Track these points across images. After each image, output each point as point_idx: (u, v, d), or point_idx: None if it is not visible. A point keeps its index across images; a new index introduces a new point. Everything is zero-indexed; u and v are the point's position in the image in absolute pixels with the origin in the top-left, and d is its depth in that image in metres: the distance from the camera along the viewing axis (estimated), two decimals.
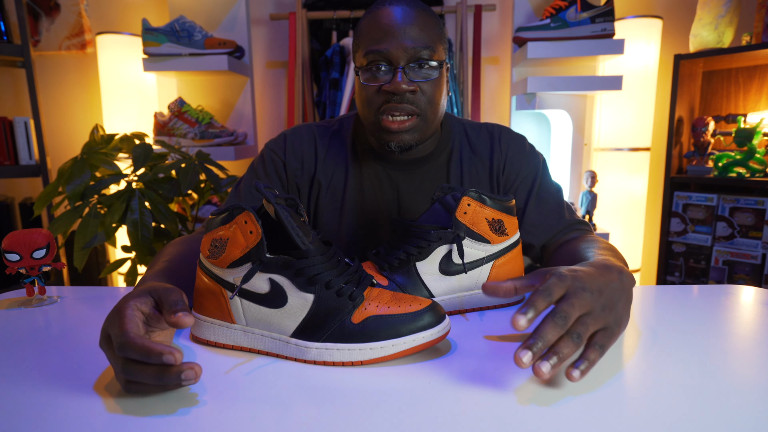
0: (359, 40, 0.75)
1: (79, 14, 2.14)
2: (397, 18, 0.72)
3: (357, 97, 0.78)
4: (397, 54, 0.71)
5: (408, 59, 0.71)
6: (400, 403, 0.42)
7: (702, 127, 1.86)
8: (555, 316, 0.44)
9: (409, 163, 0.83)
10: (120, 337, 0.42)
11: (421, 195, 0.83)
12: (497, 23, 2.07)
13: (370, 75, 0.73)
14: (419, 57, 0.72)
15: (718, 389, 0.43)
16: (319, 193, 0.84)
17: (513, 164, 0.84)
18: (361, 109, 0.77)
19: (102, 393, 0.44)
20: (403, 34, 0.71)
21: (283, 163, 0.85)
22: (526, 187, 0.84)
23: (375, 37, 0.72)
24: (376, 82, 0.73)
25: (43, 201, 1.35)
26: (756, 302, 0.67)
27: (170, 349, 0.40)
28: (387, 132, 0.75)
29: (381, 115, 0.74)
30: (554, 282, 0.46)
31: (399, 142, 0.75)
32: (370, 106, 0.75)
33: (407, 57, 0.71)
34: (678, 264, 1.94)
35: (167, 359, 0.40)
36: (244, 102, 2.05)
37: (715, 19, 1.73)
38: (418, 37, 0.72)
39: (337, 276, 0.51)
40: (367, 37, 0.73)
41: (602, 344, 0.45)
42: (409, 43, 0.71)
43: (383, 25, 0.72)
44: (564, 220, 0.81)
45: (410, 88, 0.72)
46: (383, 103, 0.73)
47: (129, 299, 0.47)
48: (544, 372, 0.42)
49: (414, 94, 0.73)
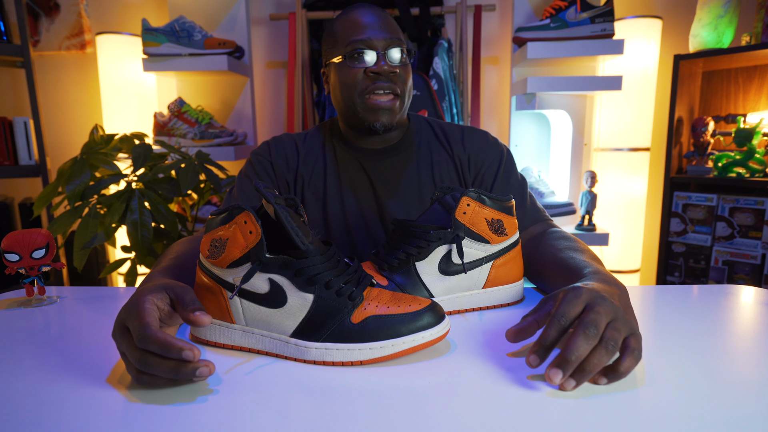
0: (338, 36, 0.84)
1: (79, 14, 2.14)
2: (373, 15, 0.84)
3: (336, 88, 0.86)
4: (378, 42, 0.81)
5: (386, 46, 0.82)
6: (400, 403, 0.42)
7: (702, 127, 1.86)
8: (586, 328, 0.42)
9: (379, 152, 0.90)
10: (141, 329, 0.43)
11: (393, 183, 0.90)
12: (497, 23, 2.07)
13: (355, 62, 0.82)
14: (396, 46, 0.82)
15: (718, 389, 0.43)
16: (304, 186, 0.90)
17: (477, 156, 0.90)
18: (343, 94, 0.84)
19: (102, 393, 0.44)
20: (380, 27, 0.82)
21: (270, 162, 0.90)
22: (491, 175, 0.89)
23: (357, 29, 0.82)
24: (361, 66, 0.82)
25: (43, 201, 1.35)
26: (756, 302, 0.67)
27: (190, 345, 0.42)
28: (373, 111, 0.83)
29: (366, 96, 0.82)
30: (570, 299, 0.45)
31: (383, 121, 0.83)
32: (355, 89, 0.83)
33: (386, 44, 0.82)
34: (678, 264, 1.94)
35: (186, 355, 0.42)
36: (244, 102, 2.05)
37: (714, 20, 1.73)
38: (392, 30, 0.84)
39: (337, 276, 0.51)
40: (348, 31, 0.83)
41: (637, 348, 0.44)
42: (386, 34, 0.82)
43: (362, 21, 0.83)
44: (525, 209, 0.85)
45: (393, 68, 0.81)
46: (368, 85, 0.82)
47: (146, 293, 0.48)
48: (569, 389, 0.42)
49: (395, 75, 0.82)
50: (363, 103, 0.83)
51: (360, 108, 0.83)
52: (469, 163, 0.90)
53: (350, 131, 0.89)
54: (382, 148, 0.90)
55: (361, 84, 0.82)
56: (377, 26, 0.82)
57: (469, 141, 0.91)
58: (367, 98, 0.82)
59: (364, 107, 0.83)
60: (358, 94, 0.82)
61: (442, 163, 0.90)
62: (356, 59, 0.81)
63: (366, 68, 0.81)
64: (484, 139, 0.92)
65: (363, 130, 0.86)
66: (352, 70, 0.82)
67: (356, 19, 0.83)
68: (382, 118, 0.83)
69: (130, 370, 0.45)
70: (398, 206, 0.88)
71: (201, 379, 0.44)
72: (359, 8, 0.85)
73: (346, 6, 1.89)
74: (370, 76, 0.81)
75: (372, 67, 0.81)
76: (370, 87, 0.81)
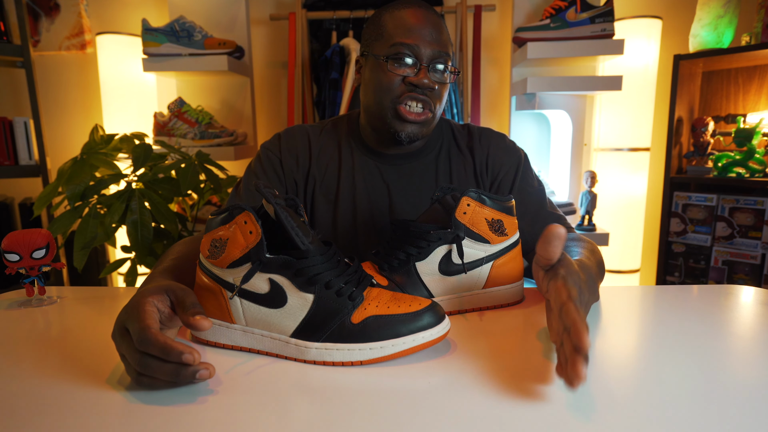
0: (384, 29, 0.79)
1: (79, 14, 2.14)
2: (427, 21, 0.78)
3: (368, 85, 0.82)
4: (425, 51, 0.77)
5: (432, 59, 0.77)
6: (400, 403, 0.42)
7: (702, 127, 1.86)
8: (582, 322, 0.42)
9: (399, 158, 0.87)
10: (141, 332, 0.43)
11: (410, 189, 0.87)
12: (497, 23, 2.07)
13: (394, 64, 0.78)
14: (442, 61, 0.78)
15: (718, 389, 0.43)
16: (315, 188, 0.88)
17: (495, 160, 0.88)
18: (376, 94, 0.80)
19: (102, 393, 0.44)
20: (431, 36, 0.77)
21: (279, 160, 0.87)
22: (508, 181, 0.87)
23: (405, 31, 0.77)
24: (401, 71, 0.78)
25: (43, 201, 1.35)
26: (756, 302, 0.67)
27: (190, 349, 0.42)
28: (402, 120, 0.79)
29: (398, 104, 0.78)
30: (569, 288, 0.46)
31: (409, 132, 0.80)
32: (389, 93, 0.79)
33: (432, 56, 0.77)
34: (678, 264, 1.94)
35: (186, 358, 0.42)
36: (244, 102, 2.05)
37: (714, 20, 1.73)
38: (443, 43, 0.78)
39: (337, 276, 0.51)
40: (397, 29, 0.78)
41: None
42: (436, 46, 0.77)
43: (413, 22, 0.77)
44: (544, 212, 0.84)
45: (433, 84, 0.77)
46: (403, 93, 0.78)
47: (147, 295, 0.48)
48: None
49: (433, 91, 0.79)
50: (394, 110, 0.79)
51: (390, 113, 0.80)
52: (486, 168, 0.88)
53: (372, 132, 0.86)
54: (402, 154, 0.87)
55: (397, 90, 0.78)
56: (429, 34, 0.77)
57: (486, 144, 0.89)
58: (400, 106, 0.78)
59: (394, 114, 0.79)
60: (391, 100, 0.79)
61: (461, 171, 0.88)
62: (398, 63, 0.77)
63: (406, 76, 0.77)
64: (502, 143, 0.90)
65: (387, 136, 0.83)
66: (390, 73, 0.78)
67: (409, 18, 0.78)
68: (409, 129, 0.80)
69: (129, 372, 0.45)
70: (412, 213, 0.86)
71: (201, 381, 0.44)
72: (416, 7, 0.79)
73: (346, 6, 1.89)
74: (408, 84, 0.78)
75: (412, 77, 0.77)
76: (405, 96, 0.78)
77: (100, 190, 1.33)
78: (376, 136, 0.86)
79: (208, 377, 0.43)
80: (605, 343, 0.54)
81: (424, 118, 0.79)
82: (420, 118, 0.79)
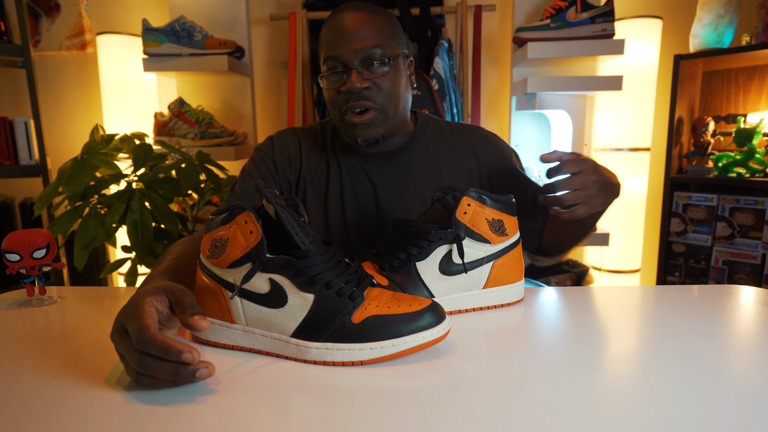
0: (320, 49, 0.82)
1: (79, 14, 2.14)
2: (347, 23, 0.78)
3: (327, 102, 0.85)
4: (348, 56, 0.77)
5: (359, 59, 0.78)
6: (400, 403, 0.42)
7: (702, 127, 1.86)
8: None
9: (381, 156, 0.89)
10: (139, 332, 0.43)
11: (395, 186, 0.89)
12: (497, 23, 2.07)
13: (331, 79, 0.80)
14: (370, 55, 0.78)
15: (718, 389, 0.43)
16: (306, 188, 0.90)
17: (488, 156, 0.90)
18: (330, 111, 0.84)
19: (102, 393, 0.44)
20: (353, 37, 0.77)
21: (273, 160, 0.89)
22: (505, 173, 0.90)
23: (330, 43, 0.79)
24: (336, 85, 0.80)
25: (43, 201, 1.35)
26: (756, 302, 0.67)
27: (189, 348, 0.42)
28: (351, 127, 0.81)
29: (344, 114, 0.81)
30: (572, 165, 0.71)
31: (364, 136, 0.81)
32: (335, 107, 0.81)
33: (358, 57, 0.77)
34: (678, 264, 1.94)
35: (186, 357, 0.42)
36: (244, 102, 2.05)
37: (715, 20, 1.73)
38: (367, 37, 0.78)
39: (337, 276, 0.51)
40: (325, 45, 0.80)
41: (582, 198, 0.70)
42: (359, 45, 0.77)
43: (336, 31, 0.79)
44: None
45: (363, 85, 0.78)
46: (344, 102, 0.80)
47: (145, 295, 0.48)
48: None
49: (369, 90, 0.79)
50: (342, 120, 0.81)
51: (342, 126, 0.83)
52: (479, 164, 0.90)
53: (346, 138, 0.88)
54: (384, 152, 0.89)
55: (339, 103, 0.80)
56: (349, 36, 0.77)
57: (479, 141, 0.91)
58: (346, 116, 0.80)
59: (344, 124, 0.82)
60: (338, 112, 0.81)
61: (450, 166, 0.89)
62: (331, 78, 0.80)
63: (339, 87, 0.79)
64: (493, 140, 0.93)
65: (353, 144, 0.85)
66: (329, 90, 0.81)
67: (333, 27, 0.79)
68: (361, 134, 0.81)
69: (128, 372, 0.45)
70: (401, 211, 0.87)
71: (201, 380, 0.44)
72: (338, 13, 0.80)
73: None
74: (344, 94, 0.79)
75: (343, 86, 0.78)
76: (345, 105, 0.79)
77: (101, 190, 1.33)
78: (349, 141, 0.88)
79: (208, 376, 0.43)
80: (605, 343, 0.54)
81: (369, 118, 0.79)
82: (365, 119, 0.79)
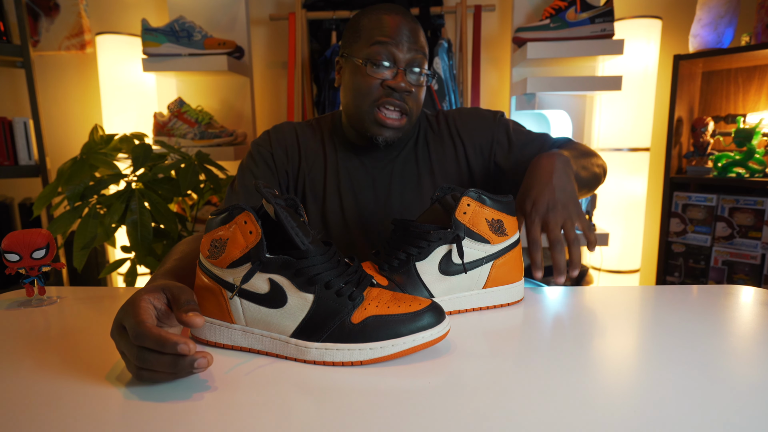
0: (362, 32, 0.79)
1: (79, 14, 2.14)
2: (404, 25, 0.78)
3: (347, 88, 0.83)
4: (402, 55, 0.78)
5: (409, 62, 0.79)
6: (400, 403, 0.42)
7: (701, 127, 1.86)
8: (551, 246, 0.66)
9: (380, 150, 0.90)
10: (136, 327, 0.44)
11: (393, 180, 0.89)
12: (497, 23, 2.07)
13: (373, 67, 0.78)
14: (418, 63, 0.79)
15: (718, 389, 0.43)
16: (305, 183, 0.90)
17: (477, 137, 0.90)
18: (355, 98, 0.81)
19: (101, 393, 0.44)
20: (408, 40, 0.78)
21: (271, 153, 0.89)
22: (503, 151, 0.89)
23: (382, 32, 0.78)
24: (378, 75, 0.79)
25: (43, 201, 1.35)
26: (756, 302, 0.67)
27: (185, 339, 0.42)
28: (379, 125, 0.80)
29: (375, 108, 0.80)
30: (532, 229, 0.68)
31: (387, 137, 0.82)
32: (367, 96, 0.79)
33: (409, 59, 0.78)
34: (678, 264, 1.94)
35: (182, 349, 0.42)
36: (244, 102, 2.05)
37: (714, 20, 1.73)
38: (419, 45, 0.79)
39: (337, 276, 0.51)
40: (374, 32, 0.78)
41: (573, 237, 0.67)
42: (413, 49, 0.78)
43: (392, 27, 0.78)
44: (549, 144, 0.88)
45: (410, 88, 0.79)
46: (382, 96, 0.79)
47: (143, 293, 0.48)
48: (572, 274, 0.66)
49: (410, 94, 0.80)
50: (371, 114, 0.80)
51: (368, 118, 0.81)
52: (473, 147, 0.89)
53: (352, 131, 0.88)
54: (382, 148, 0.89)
55: (375, 93, 0.79)
56: (406, 38, 0.78)
57: (462, 124, 0.90)
58: (377, 111, 0.80)
59: (372, 119, 0.81)
60: (370, 104, 0.80)
61: (441, 156, 0.89)
62: (375, 67, 0.78)
63: (384, 80, 0.78)
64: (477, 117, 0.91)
65: (365, 138, 0.84)
66: (368, 77, 0.79)
67: (387, 22, 0.78)
68: (387, 134, 0.81)
69: (130, 368, 0.45)
70: (398, 205, 0.88)
71: (200, 371, 0.44)
72: (392, 12, 0.80)
73: (346, 6, 1.89)
74: (386, 88, 0.78)
75: (390, 80, 0.78)
76: (383, 100, 0.79)
77: (100, 190, 1.33)
78: (357, 135, 0.88)
79: (207, 365, 0.43)
80: (605, 343, 0.54)
81: (399, 124, 0.81)
82: (396, 124, 0.81)
